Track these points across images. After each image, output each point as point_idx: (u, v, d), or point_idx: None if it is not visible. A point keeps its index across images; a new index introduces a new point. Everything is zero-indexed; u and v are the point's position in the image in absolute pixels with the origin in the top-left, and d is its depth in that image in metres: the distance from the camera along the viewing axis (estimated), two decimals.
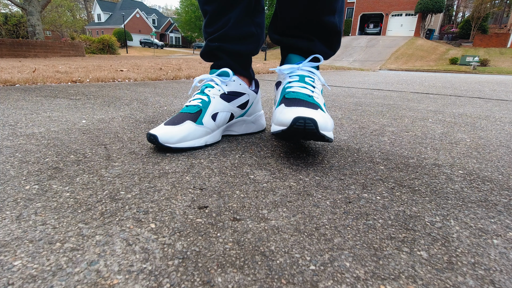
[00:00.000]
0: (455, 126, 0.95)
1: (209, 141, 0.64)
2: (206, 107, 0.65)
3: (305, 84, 0.62)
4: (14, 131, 0.71)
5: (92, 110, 1.01)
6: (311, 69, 0.65)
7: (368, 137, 0.78)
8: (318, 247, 0.32)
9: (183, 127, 0.60)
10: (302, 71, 0.64)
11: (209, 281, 0.26)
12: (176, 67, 3.77)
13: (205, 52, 0.73)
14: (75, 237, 0.32)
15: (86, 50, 10.37)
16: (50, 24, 17.30)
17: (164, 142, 0.57)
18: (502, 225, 0.37)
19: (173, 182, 0.46)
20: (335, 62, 14.13)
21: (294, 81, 0.63)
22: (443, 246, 0.32)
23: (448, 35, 23.98)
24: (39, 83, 1.78)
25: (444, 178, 0.51)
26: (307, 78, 0.63)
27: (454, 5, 30.76)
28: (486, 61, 14.81)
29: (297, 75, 0.64)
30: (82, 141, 0.65)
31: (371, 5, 23.86)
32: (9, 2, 10.98)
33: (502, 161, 0.62)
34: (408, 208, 0.41)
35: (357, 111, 1.18)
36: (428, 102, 1.53)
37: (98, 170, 0.50)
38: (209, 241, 0.32)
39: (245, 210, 0.39)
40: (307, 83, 0.62)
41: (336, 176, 0.51)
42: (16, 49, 6.80)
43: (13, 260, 0.28)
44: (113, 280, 0.26)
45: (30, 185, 0.43)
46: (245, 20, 0.69)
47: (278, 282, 0.27)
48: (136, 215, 0.37)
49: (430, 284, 0.27)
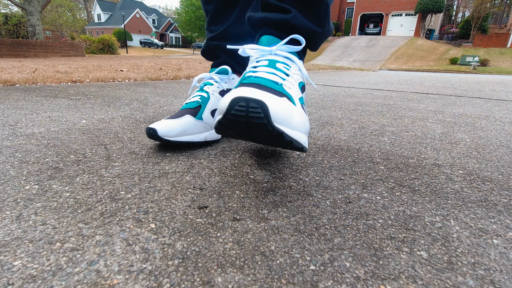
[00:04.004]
0: (455, 126, 0.95)
1: (209, 137, 0.64)
2: (206, 103, 0.65)
3: (274, 70, 0.44)
4: (14, 131, 0.71)
5: (92, 110, 1.01)
6: (289, 55, 0.47)
7: (368, 137, 0.78)
8: (318, 247, 0.32)
9: (183, 120, 0.60)
10: (275, 56, 0.47)
11: (209, 281, 0.26)
12: (176, 67, 3.77)
13: (205, 50, 0.74)
14: (75, 237, 0.32)
15: (86, 50, 10.37)
16: (50, 24, 17.30)
17: (163, 135, 0.57)
18: (502, 225, 0.37)
19: (173, 182, 0.46)
20: (335, 62, 14.13)
21: (260, 66, 0.45)
22: (443, 246, 0.32)
23: (448, 35, 23.98)
24: (39, 83, 1.78)
25: (444, 178, 0.51)
26: (279, 64, 0.45)
27: (454, 5, 30.76)
28: (486, 61, 14.80)
29: (267, 60, 0.46)
30: (82, 141, 0.65)
31: (371, 5, 23.86)
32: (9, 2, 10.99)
33: (502, 161, 0.62)
34: (408, 208, 0.41)
35: (357, 111, 1.18)
36: (428, 102, 1.53)
37: (98, 170, 0.50)
38: (209, 241, 0.32)
39: (245, 210, 0.39)
40: (279, 69, 0.45)
41: (336, 176, 0.50)
42: (16, 49, 6.80)
43: (13, 260, 0.28)
44: (113, 280, 0.26)
45: (30, 185, 0.43)
46: (243, 19, 0.69)
47: (278, 282, 0.27)
48: (136, 215, 0.37)
49: (430, 284, 0.27)
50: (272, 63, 0.45)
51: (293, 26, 0.49)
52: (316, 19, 0.51)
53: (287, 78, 0.44)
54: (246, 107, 0.32)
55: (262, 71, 0.44)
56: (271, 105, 0.33)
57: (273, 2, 0.49)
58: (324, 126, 0.89)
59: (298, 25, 0.49)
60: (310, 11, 0.50)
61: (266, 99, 0.34)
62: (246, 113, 0.32)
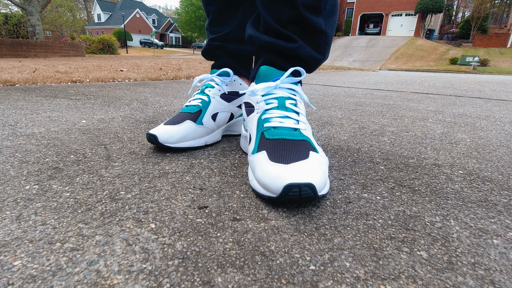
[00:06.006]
0: (455, 126, 0.95)
1: (209, 141, 0.64)
2: (206, 107, 0.65)
3: (286, 112, 0.49)
4: (14, 131, 0.71)
5: (92, 110, 1.01)
6: (292, 86, 0.52)
7: (368, 137, 0.78)
8: (318, 247, 0.32)
9: (183, 126, 0.60)
10: (280, 90, 0.51)
11: (209, 281, 0.26)
12: (176, 67, 3.77)
13: (206, 51, 0.74)
14: (75, 237, 0.32)
15: (86, 50, 10.37)
16: (50, 24, 17.30)
17: (164, 141, 0.57)
18: (502, 225, 0.37)
19: (173, 182, 0.46)
20: (335, 62, 14.13)
21: (272, 109, 0.50)
22: (443, 246, 0.32)
23: (448, 35, 23.98)
24: (39, 83, 1.78)
25: (444, 178, 0.51)
26: (288, 102, 0.50)
27: (454, 5, 30.77)
28: (486, 61, 14.81)
29: (275, 98, 0.51)
30: (82, 141, 0.65)
31: (371, 5, 23.86)
32: (9, 2, 10.99)
33: (502, 161, 0.62)
34: (408, 208, 0.41)
35: (357, 111, 1.18)
36: (428, 102, 1.53)
37: (98, 170, 0.50)
38: (209, 241, 0.32)
39: (245, 210, 0.39)
40: (289, 109, 0.50)
41: (336, 176, 0.50)
42: (16, 49, 6.80)
43: (13, 260, 0.28)
44: (113, 280, 0.26)
45: (30, 185, 0.43)
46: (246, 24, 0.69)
47: (278, 282, 0.27)
48: (136, 215, 0.37)
49: (430, 284, 0.27)
50: (282, 103, 0.50)
51: (299, 56, 0.53)
52: (318, 47, 0.54)
53: (299, 118, 0.50)
54: (299, 192, 0.37)
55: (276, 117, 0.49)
56: (315, 181, 0.39)
57: (278, 28, 0.52)
58: (324, 126, 0.89)
59: (303, 55, 0.53)
60: (312, 40, 0.53)
61: (310, 177, 0.39)
62: (299, 195, 0.38)
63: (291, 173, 0.39)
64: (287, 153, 0.44)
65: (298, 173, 0.39)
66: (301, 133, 0.47)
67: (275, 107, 0.50)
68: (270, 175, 0.40)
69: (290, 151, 0.44)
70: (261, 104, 0.52)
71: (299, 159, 0.42)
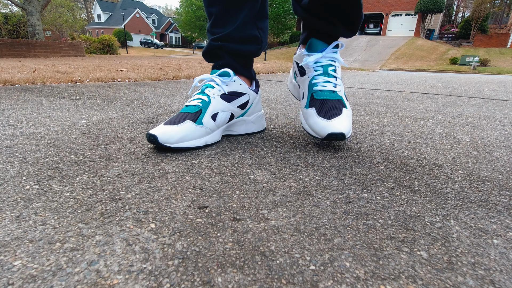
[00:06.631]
0: (455, 126, 0.95)
1: (209, 141, 0.64)
2: (206, 107, 0.65)
3: (328, 77, 0.68)
4: (14, 131, 0.71)
5: (92, 110, 1.01)
6: (333, 55, 0.69)
7: (368, 137, 0.78)
8: (318, 247, 0.32)
9: (183, 127, 0.60)
10: (325, 59, 0.69)
11: (209, 281, 0.26)
12: (176, 67, 3.77)
13: (207, 51, 0.73)
14: (75, 237, 0.32)
15: (86, 50, 10.37)
16: (50, 24, 17.31)
17: (164, 142, 0.57)
18: (502, 225, 0.37)
19: (173, 182, 0.46)
20: None
21: (318, 75, 0.68)
22: (443, 246, 0.32)
23: (448, 35, 23.97)
24: (39, 83, 1.78)
25: (444, 178, 0.51)
26: (330, 69, 0.68)
27: (454, 5, 30.77)
28: (486, 61, 14.80)
29: (321, 66, 0.69)
30: (82, 141, 0.65)
31: (371, 5, 23.85)
32: (9, 2, 10.98)
33: (502, 161, 0.62)
34: (408, 208, 0.41)
35: (357, 111, 1.18)
36: (428, 102, 1.53)
37: (98, 170, 0.50)
38: (209, 241, 0.32)
39: (245, 210, 0.39)
40: (330, 75, 0.68)
41: (336, 176, 0.51)
42: (16, 49, 6.80)
43: (13, 260, 0.28)
44: (113, 280, 0.26)
45: (30, 185, 0.43)
46: (249, 24, 0.69)
47: (278, 282, 0.27)
48: (136, 215, 0.37)
49: (430, 284, 0.27)
50: (326, 70, 0.69)
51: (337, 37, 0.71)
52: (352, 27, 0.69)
53: (337, 82, 0.68)
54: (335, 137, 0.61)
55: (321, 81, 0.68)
56: (345, 130, 0.61)
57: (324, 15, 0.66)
58: None
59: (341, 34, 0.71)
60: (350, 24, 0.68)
61: (343, 128, 0.61)
62: (335, 137, 0.61)
63: (331, 126, 0.61)
64: (328, 110, 0.65)
65: (335, 126, 0.61)
66: (337, 94, 0.67)
67: (320, 73, 0.68)
68: (319, 126, 0.63)
69: (330, 109, 0.65)
70: (311, 70, 0.70)
71: (336, 115, 0.64)
